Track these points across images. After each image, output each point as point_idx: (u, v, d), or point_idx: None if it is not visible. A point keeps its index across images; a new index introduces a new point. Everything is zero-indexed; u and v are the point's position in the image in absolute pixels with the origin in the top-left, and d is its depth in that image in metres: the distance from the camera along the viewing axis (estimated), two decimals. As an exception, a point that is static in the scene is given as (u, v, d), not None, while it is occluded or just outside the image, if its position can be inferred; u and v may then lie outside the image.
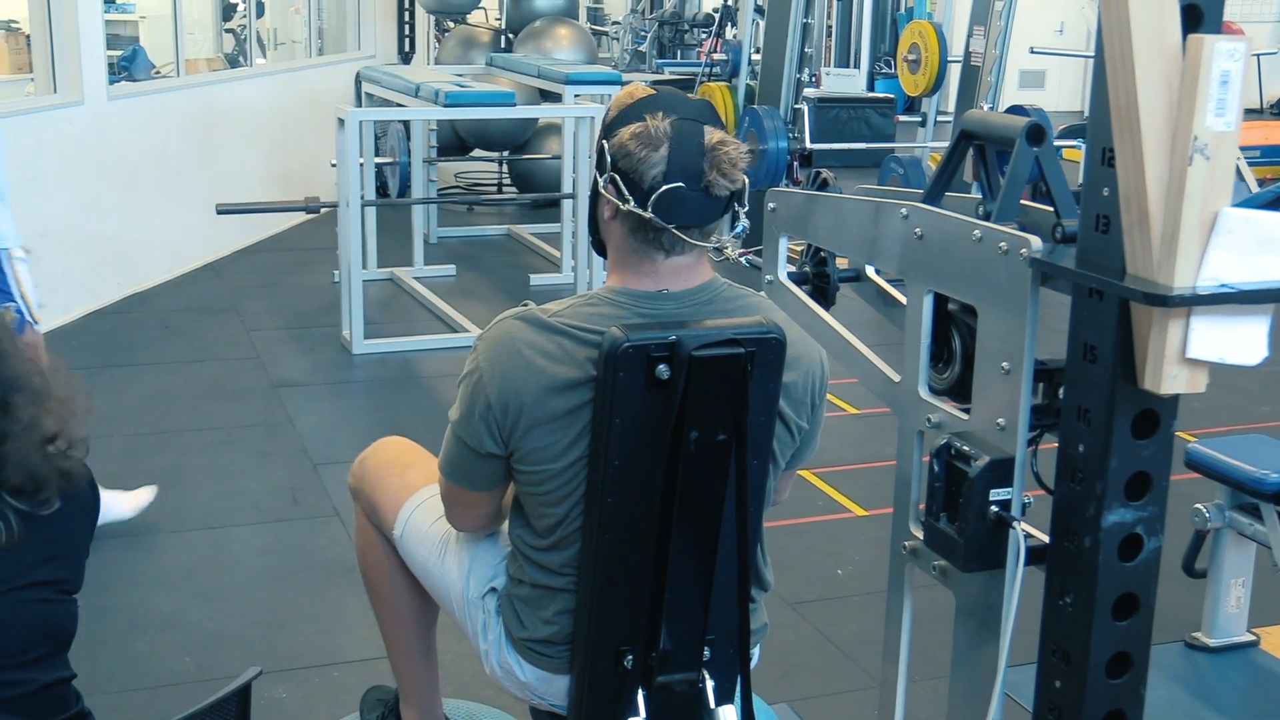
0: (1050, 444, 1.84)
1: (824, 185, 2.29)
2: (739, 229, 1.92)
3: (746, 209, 1.90)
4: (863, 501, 4.06)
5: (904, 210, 1.95)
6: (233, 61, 8.81)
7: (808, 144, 7.12)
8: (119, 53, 7.45)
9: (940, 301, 1.95)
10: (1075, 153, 8.52)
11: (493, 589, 2.11)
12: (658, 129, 1.84)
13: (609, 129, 1.90)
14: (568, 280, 6.47)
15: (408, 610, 2.40)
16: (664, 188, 1.82)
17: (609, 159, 1.87)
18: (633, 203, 1.84)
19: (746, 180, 1.89)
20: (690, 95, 2.01)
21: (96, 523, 1.79)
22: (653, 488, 1.85)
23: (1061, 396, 1.75)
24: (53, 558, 1.69)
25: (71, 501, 1.68)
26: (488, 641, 2.09)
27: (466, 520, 2.10)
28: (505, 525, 2.10)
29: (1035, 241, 1.72)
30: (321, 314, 6.03)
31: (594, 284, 5.75)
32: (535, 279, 6.77)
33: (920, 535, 1.95)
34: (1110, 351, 1.63)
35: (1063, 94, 15.15)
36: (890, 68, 12.21)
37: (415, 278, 6.65)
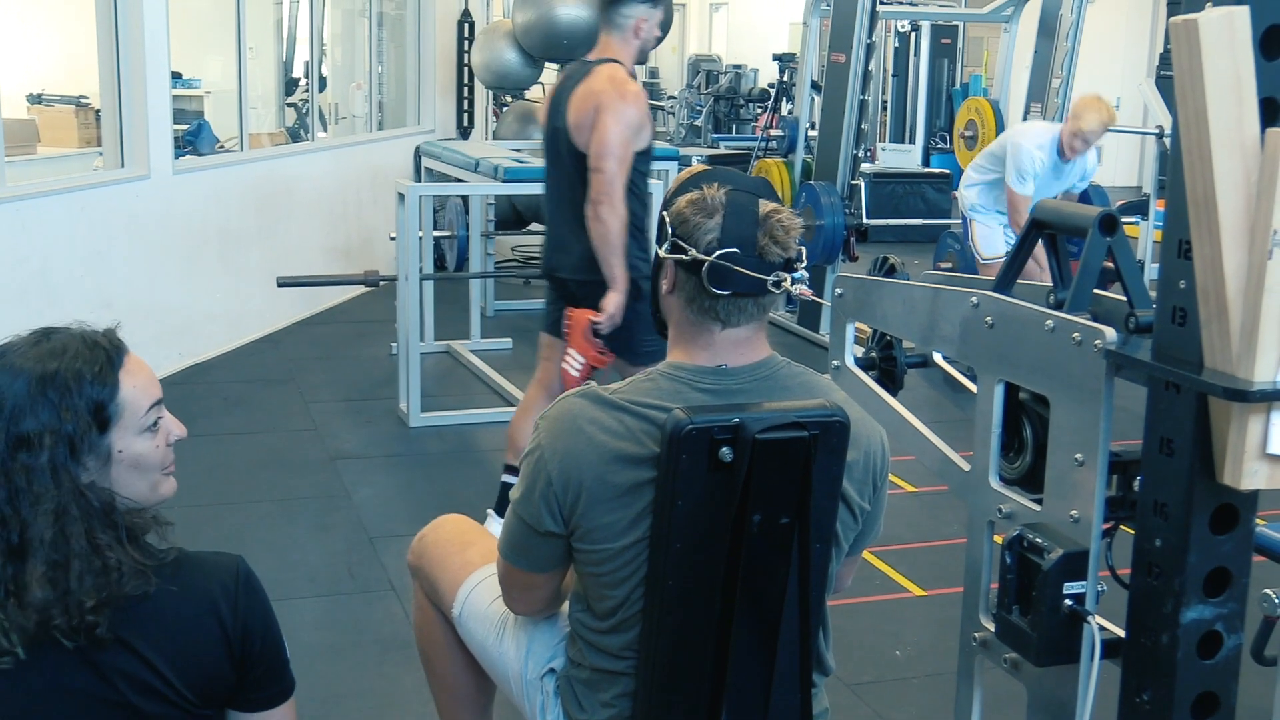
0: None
1: (891, 271, 2.28)
2: (798, 275, 1.89)
3: (805, 264, 1.89)
4: (921, 581, 4.01)
5: (974, 299, 1.94)
6: (295, 136, 8.95)
7: (864, 219, 7.12)
8: (184, 127, 7.59)
9: (1011, 390, 1.93)
10: (1134, 229, 8.47)
11: (551, 670, 2.09)
12: (713, 198, 1.86)
13: (667, 201, 1.93)
14: (622, 354, 6.46)
15: (465, 689, 2.39)
16: (718, 253, 1.83)
17: (668, 227, 1.90)
18: (693, 252, 1.85)
19: (802, 250, 1.89)
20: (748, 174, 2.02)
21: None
22: (714, 571, 1.83)
23: (1137, 488, 1.72)
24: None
25: None
26: (546, 724, 2.07)
27: (524, 603, 2.09)
28: (565, 606, 2.08)
29: (1109, 333, 1.70)
30: (379, 386, 6.07)
31: (649, 358, 5.74)
32: (590, 352, 6.76)
33: (991, 626, 1.92)
34: (1188, 445, 1.60)
35: (1119, 169, 15.10)
36: (945, 142, 12.24)
37: (472, 350, 6.68)
